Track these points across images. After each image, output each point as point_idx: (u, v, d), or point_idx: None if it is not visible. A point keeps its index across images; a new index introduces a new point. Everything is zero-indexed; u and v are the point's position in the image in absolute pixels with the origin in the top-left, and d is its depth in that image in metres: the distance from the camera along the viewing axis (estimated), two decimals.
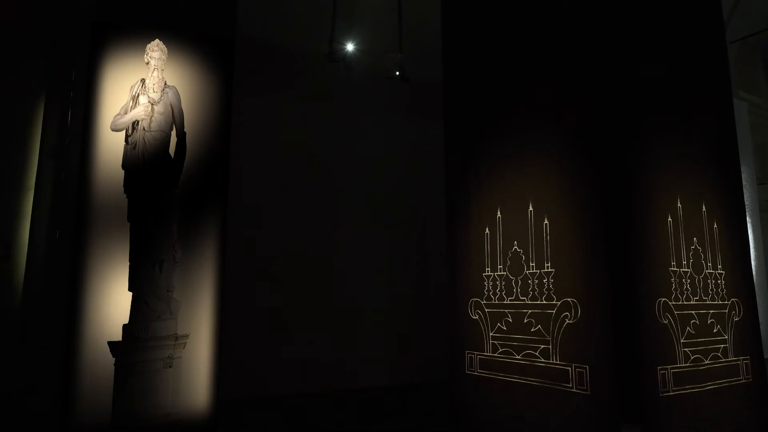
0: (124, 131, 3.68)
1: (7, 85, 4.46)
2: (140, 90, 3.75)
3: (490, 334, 3.46)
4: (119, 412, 3.36)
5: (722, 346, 3.19)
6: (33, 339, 4.21)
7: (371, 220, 6.26)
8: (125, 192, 3.60)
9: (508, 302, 3.38)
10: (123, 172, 3.63)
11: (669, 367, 2.85)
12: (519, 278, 3.33)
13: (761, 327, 3.59)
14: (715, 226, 3.37)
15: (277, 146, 5.85)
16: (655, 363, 2.80)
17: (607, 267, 2.87)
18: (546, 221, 3.20)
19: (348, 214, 6.14)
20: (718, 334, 3.19)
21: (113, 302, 3.47)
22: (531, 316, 3.21)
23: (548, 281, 3.14)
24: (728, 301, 3.33)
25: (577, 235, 3.02)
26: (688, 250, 3.17)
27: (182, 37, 3.91)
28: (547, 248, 3.18)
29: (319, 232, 5.92)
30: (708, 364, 3.06)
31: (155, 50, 3.82)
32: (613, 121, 3.09)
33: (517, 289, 3.33)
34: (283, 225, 5.74)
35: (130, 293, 3.50)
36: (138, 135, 3.69)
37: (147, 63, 3.80)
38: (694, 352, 3.00)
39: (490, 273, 3.52)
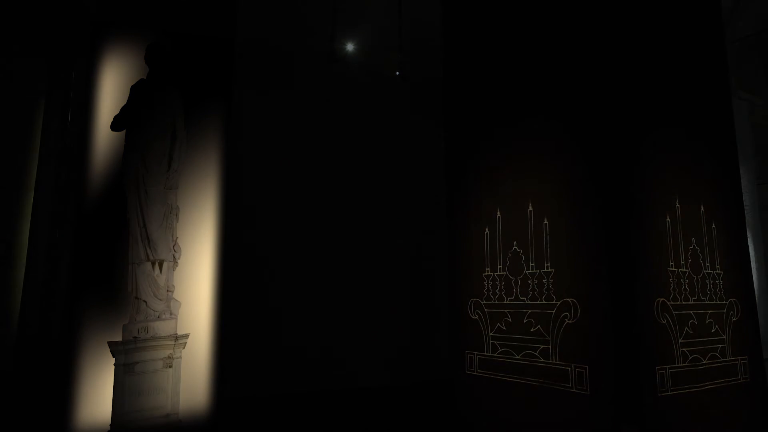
0: (124, 131, 3.68)
1: (7, 85, 4.46)
2: (140, 90, 3.75)
3: (490, 334, 3.47)
4: (119, 412, 3.36)
5: (720, 345, 3.19)
6: (33, 339, 4.22)
7: (371, 219, 6.27)
8: (125, 192, 3.61)
9: (507, 302, 3.38)
10: (123, 171, 3.63)
11: (667, 366, 2.86)
12: (519, 278, 3.33)
13: (760, 327, 3.59)
14: (714, 226, 3.37)
15: (277, 146, 5.85)
16: (653, 363, 2.81)
17: (607, 267, 2.88)
18: (546, 221, 3.21)
19: (348, 214, 6.14)
20: (717, 334, 3.20)
21: (113, 302, 3.47)
22: (531, 316, 3.22)
23: (548, 281, 3.15)
24: (726, 301, 3.33)
25: (577, 235, 3.02)
26: (686, 250, 3.17)
27: (182, 37, 3.91)
28: (547, 248, 3.18)
29: (319, 231, 5.93)
30: (706, 363, 3.07)
31: (155, 51, 3.82)
32: (612, 122, 3.09)
33: (516, 289, 3.34)
34: (283, 225, 5.74)
35: (130, 293, 3.50)
36: (138, 135, 3.69)
37: (147, 63, 3.80)
38: (692, 352, 3.01)
39: (489, 273, 3.52)
